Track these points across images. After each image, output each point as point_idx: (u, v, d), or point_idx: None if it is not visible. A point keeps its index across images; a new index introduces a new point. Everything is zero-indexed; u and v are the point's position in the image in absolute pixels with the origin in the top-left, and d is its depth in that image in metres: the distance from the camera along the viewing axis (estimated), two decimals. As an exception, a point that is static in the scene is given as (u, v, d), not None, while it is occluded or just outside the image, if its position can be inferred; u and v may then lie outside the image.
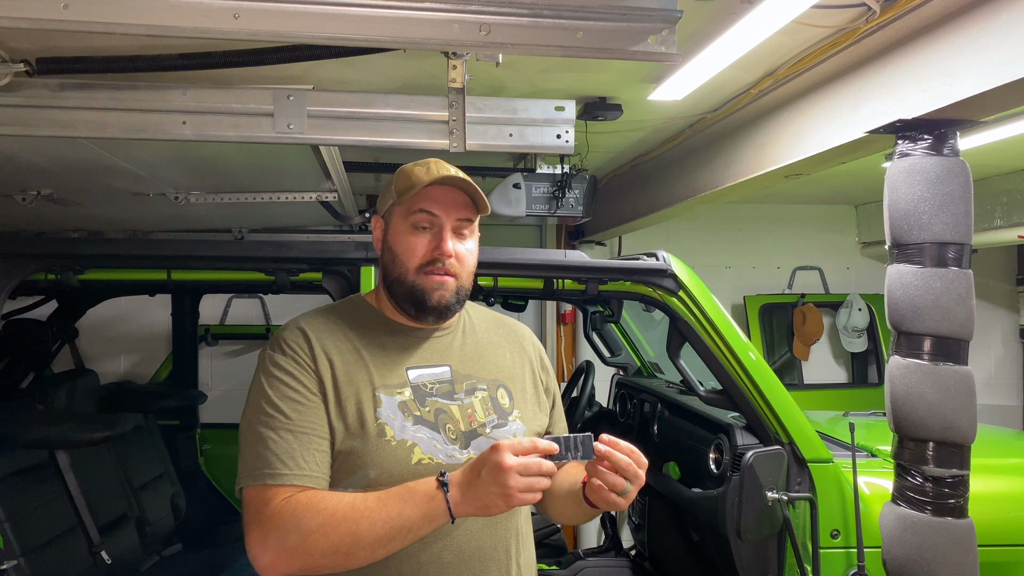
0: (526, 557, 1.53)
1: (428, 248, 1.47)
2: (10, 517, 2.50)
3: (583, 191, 3.29)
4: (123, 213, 3.38)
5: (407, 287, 1.47)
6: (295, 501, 1.29)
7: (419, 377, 1.47)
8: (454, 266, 1.47)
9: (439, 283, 1.46)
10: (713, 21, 2.11)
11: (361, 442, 1.37)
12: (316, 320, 1.49)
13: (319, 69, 2.24)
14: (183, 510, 3.80)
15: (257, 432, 1.35)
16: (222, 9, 1.50)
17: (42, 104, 1.85)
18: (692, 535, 2.75)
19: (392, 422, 1.39)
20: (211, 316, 5.17)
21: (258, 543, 1.29)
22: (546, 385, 1.66)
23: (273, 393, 1.37)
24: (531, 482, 1.20)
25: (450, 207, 1.48)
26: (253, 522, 1.30)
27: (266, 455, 1.32)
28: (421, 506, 1.25)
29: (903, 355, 1.99)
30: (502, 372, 1.57)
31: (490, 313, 1.70)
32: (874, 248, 5.67)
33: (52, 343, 3.84)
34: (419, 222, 1.47)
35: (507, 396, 1.55)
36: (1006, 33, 1.72)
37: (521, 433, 1.51)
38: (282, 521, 1.27)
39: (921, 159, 1.97)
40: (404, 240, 1.48)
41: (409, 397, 1.43)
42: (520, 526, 1.52)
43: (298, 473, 1.32)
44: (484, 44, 1.59)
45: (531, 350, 1.66)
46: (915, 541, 1.96)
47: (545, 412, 1.63)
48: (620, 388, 3.57)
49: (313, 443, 1.35)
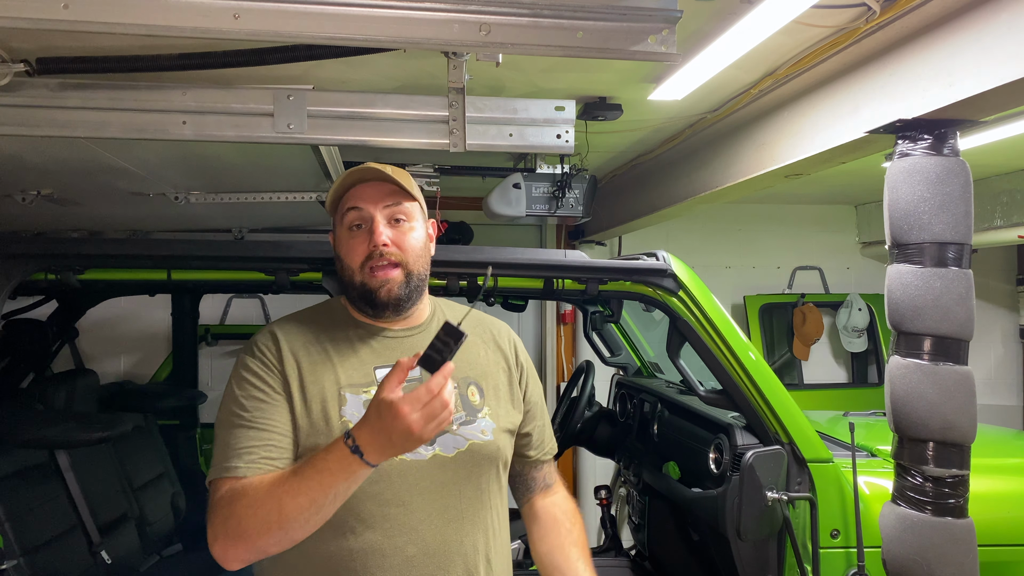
0: (498, 553, 1.54)
1: (364, 244, 1.48)
2: (10, 517, 2.50)
3: (583, 191, 3.29)
4: (123, 213, 3.39)
5: (357, 288, 1.50)
6: (232, 489, 1.33)
7: None
8: (395, 254, 1.48)
9: (383, 280, 1.47)
10: (713, 21, 2.11)
11: (325, 439, 1.38)
12: (288, 324, 1.55)
13: (319, 69, 2.24)
14: (183, 510, 3.80)
15: (222, 430, 1.42)
16: (222, 9, 1.50)
17: (42, 104, 1.85)
18: (692, 535, 2.75)
19: (356, 419, 1.39)
20: (211, 316, 5.17)
21: (209, 533, 1.33)
22: (522, 381, 1.66)
23: (239, 393, 1.43)
24: (440, 419, 1.21)
25: (375, 198, 1.49)
26: (208, 514, 1.36)
27: (224, 451, 1.38)
28: (338, 472, 1.25)
29: (903, 355, 1.99)
30: (474, 370, 1.57)
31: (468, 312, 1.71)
32: (874, 248, 5.67)
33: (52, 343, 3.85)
34: (351, 221, 1.50)
35: (478, 393, 1.55)
36: (1006, 33, 1.72)
37: (491, 430, 1.52)
38: (221, 508, 1.33)
39: (921, 159, 1.97)
40: (344, 244, 1.51)
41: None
42: (491, 522, 1.52)
43: (248, 466, 1.35)
44: (484, 44, 1.59)
45: (507, 348, 1.66)
46: (915, 541, 1.96)
47: (519, 410, 1.62)
48: (620, 388, 3.57)
49: (271, 439, 1.38)
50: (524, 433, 1.66)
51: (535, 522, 1.71)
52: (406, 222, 1.52)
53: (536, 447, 1.70)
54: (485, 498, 1.51)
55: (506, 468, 1.59)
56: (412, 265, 1.50)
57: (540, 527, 1.69)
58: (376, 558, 1.39)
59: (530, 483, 1.73)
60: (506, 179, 3.27)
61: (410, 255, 1.50)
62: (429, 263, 1.57)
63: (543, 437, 1.72)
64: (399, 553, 1.40)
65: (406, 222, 1.52)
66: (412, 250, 1.51)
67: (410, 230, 1.52)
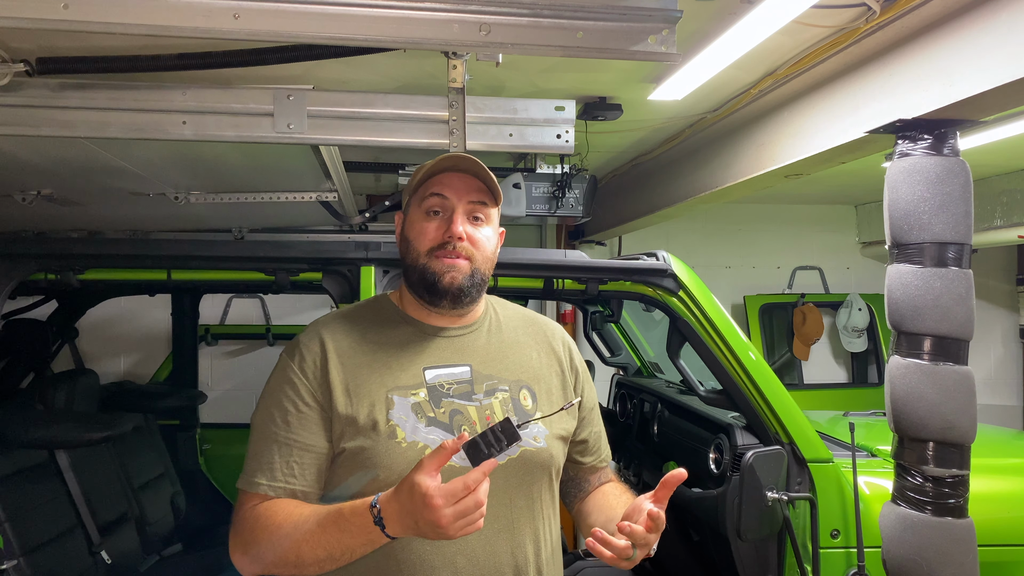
0: (550, 565, 1.49)
1: (439, 231, 1.44)
2: (10, 517, 2.50)
3: (583, 191, 3.29)
4: (123, 213, 3.39)
5: (419, 271, 1.45)
6: (256, 512, 1.36)
7: (436, 377, 1.44)
8: (467, 249, 1.44)
9: (450, 265, 1.43)
10: (713, 21, 2.11)
11: (372, 442, 1.37)
12: (335, 323, 1.50)
13: (319, 69, 2.24)
14: (183, 510, 3.80)
15: (253, 433, 1.43)
16: (222, 9, 1.50)
17: (42, 104, 1.85)
18: (692, 535, 2.75)
19: (404, 424, 1.38)
20: (211, 316, 5.17)
21: (231, 542, 1.38)
22: (577, 387, 1.60)
23: (273, 398, 1.43)
24: (468, 520, 1.18)
25: (461, 191, 1.45)
26: (232, 522, 1.40)
27: (252, 462, 1.40)
28: (358, 535, 1.26)
29: (903, 355, 1.99)
30: (526, 372, 1.52)
31: (519, 310, 1.65)
32: (874, 248, 5.67)
33: (52, 343, 3.85)
34: (431, 207, 1.45)
35: (530, 397, 1.50)
36: (1006, 33, 1.72)
37: (543, 437, 1.46)
38: (244, 529, 1.36)
39: (921, 159, 1.96)
40: (417, 226, 1.47)
41: (424, 398, 1.41)
42: (543, 532, 1.48)
43: (270, 484, 1.37)
44: (484, 44, 1.59)
45: (561, 350, 1.60)
46: (915, 541, 1.96)
47: (573, 416, 1.57)
48: (620, 388, 3.57)
49: (294, 455, 1.39)
50: (580, 440, 1.61)
51: (584, 501, 1.64)
52: (484, 223, 1.48)
53: (593, 453, 1.65)
54: (537, 507, 1.46)
55: (558, 476, 1.53)
56: (480, 263, 1.46)
57: (589, 499, 1.63)
58: (424, 570, 1.35)
59: (584, 484, 1.66)
60: (506, 179, 3.27)
61: (480, 254, 1.46)
62: (493, 268, 1.53)
63: (599, 444, 1.67)
64: (448, 565, 1.36)
65: (484, 223, 1.48)
66: (484, 250, 1.47)
67: (486, 231, 1.48)
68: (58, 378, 3.48)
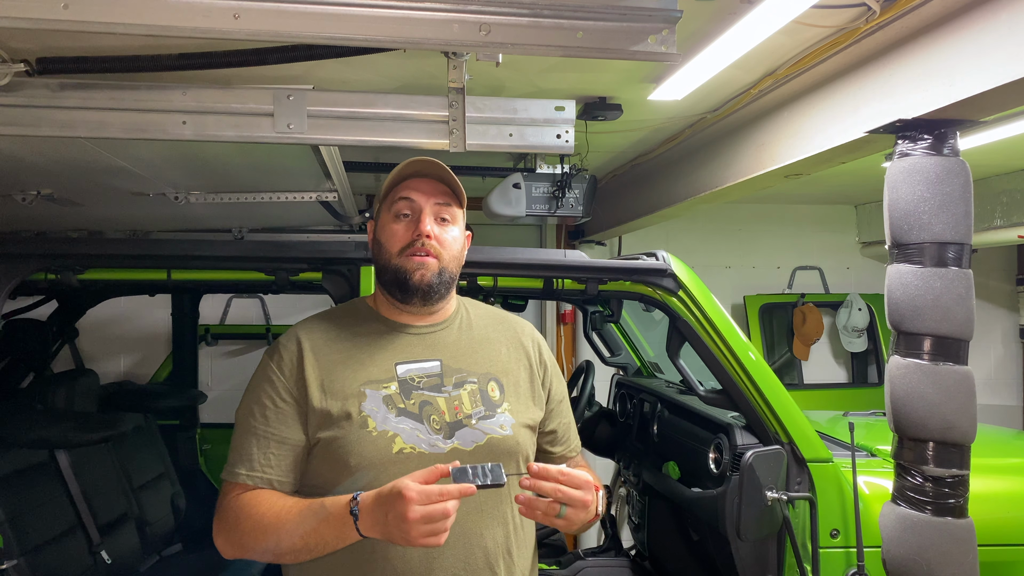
0: (520, 548, 1.55)
1: (408, 231, 1.54)
2: (10, 517, 2.50)
3: (583, 191, 3.29)
4: (123, 213, 3.39)
5: (392, 270, 1.55)
6: (239, 501, 1.45)
7: (407, 372, 1.53)
8: (434, 247, 1.54)
9: (419, 263, 1.53)
10: (713, 21, 2.11)
11: (344, 431, 1.45)
12: (312, 324, 1.61)
13: (319, 69, 2.24)
14: (183, 510, 3.79)
15: (236, 427, 1.53)
16: (222, 9, 1.50)
17: (42, 104, 1.85)
18: (692, 535, 2.75)
19: (375, 415, 1.47)
20: (211, 316, 5.17)
21: (214, 527, 1.49)
22: (545, 380, 1.68)
23: (254, 395, 1.53)
24: (432, 528, 1.25)
25: (428, 194, 1.56)
26: (216, 507, 1.50)
27: (233, 453, 1.50)
28: (334, 528, 1.34)
29: (903, 355, 1.99)
30: (495, 366, 1.61)
31: (491, 310, 1.74)
32: (874, 248, 5.67)
33: (52, 343, 3.85)
34: (400, 210, 1.56)
35: (498, 389, 1.58)
36: (1006, 33, 1.72)
37: (509, 425, 1.55)
38: (227, 517, 1.46)
39: (921, 159, 1.97)
40: (388, 228, 1.57)
41: (395, 391, 1.50)
42: (512, 516, 1.54)
43: (248, 474, 1.47)
44: (484, 44, 1.59)
45: (530, 345, 1.69)
46: (915, 541, 1.96)
47: (540, 407, 1.65)
48: (620, 388, 3.57)
49: (271, 447, 1.48)
50: (549, 431, 1.70)
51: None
52: (450, 224, 1.58)
53: (562, 443, 1.73)
54: (504, 492, 1.51)
55: (527, 462, 1.59)
56: (447, 262, 1.56)
57: None
58: (397, 549, 1.42)
59: None
60: (506, 179, 3.27)
61: (447, 252, 1.56)
62: (460, 267, 1.63)
63: (568, 434, 1.75)
64: (419, 547, 1.42)
65: (450, 224, 1.58)
66: (450, 249, 1.57)
67: (452, 231, 1.58)
68: (58, 378, 3.48)
